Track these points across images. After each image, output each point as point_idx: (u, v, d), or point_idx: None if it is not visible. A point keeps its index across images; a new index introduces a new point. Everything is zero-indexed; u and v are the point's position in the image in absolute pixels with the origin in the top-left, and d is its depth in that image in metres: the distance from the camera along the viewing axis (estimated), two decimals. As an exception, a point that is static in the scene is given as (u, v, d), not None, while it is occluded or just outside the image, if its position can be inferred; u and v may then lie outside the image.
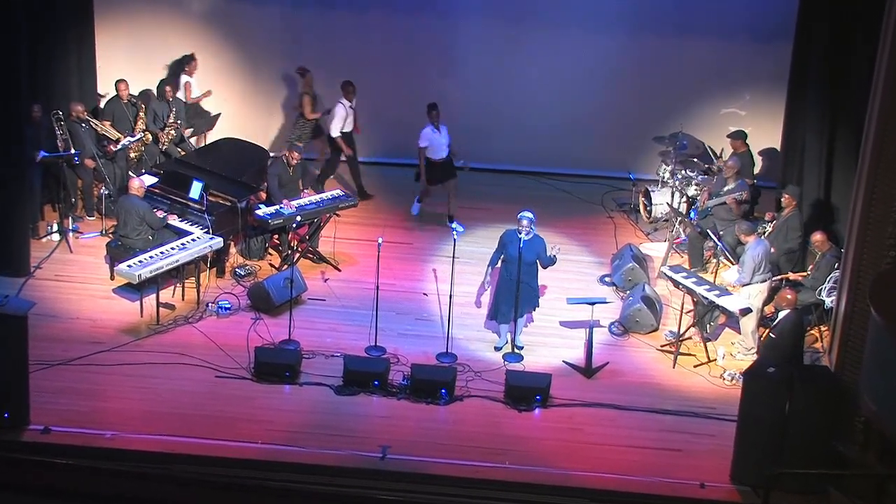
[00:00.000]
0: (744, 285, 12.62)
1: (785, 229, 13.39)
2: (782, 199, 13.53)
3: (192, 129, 15.75)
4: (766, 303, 12.78)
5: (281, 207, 13.85)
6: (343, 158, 15.51)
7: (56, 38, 14.93)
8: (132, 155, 15.01)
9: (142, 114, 15.02)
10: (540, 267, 12.55)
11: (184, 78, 15.78)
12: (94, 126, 14.68)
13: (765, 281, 12.66)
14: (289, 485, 10.60)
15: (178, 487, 10.18)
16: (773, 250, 13.09)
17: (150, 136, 15.12)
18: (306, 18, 16.28)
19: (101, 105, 15.41)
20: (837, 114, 13.75)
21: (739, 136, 15.02)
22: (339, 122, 15.32)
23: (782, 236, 13.38)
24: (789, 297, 11.76)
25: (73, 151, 14.16)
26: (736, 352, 12.77)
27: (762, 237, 13.23)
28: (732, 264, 13.19)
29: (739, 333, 12.87)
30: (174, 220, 13.62)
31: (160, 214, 13.54)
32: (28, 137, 13.58)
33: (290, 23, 16.28)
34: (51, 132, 14.14)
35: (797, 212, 13.44)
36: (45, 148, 14.02)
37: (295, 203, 14.01)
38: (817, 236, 12.95)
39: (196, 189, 13.70)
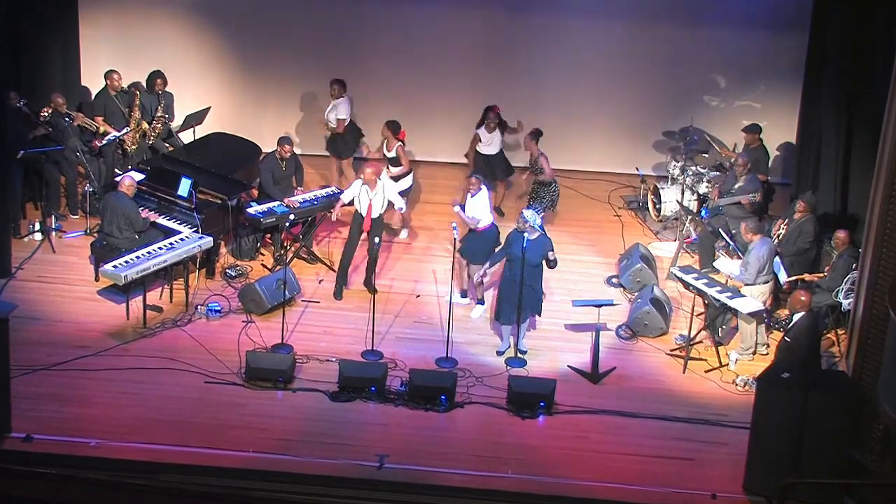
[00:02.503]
0: (746, 285, 12.64)
1: (797, 232, 13.40)
2: (796, 205, 13.54)
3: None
4: (768, 304, 12.84)
5: (280, 205, 13.86)
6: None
7: (39, 29, 14.94)
8: (131, 148, 15.00)
9: (138, 101, 15.02)
10: (546, 267, 12.57)
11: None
12: (77, 119, 14.69)
13: (767, 283, 12.70)
14: (282, 495, 10.63)
15: (166, 498, 10.21)
16: (779, 250, 13.15)
17: (146, 125, 15.12)
18: (298, 6, 16.28)
19: (93, 98, 15.39)
20: (855, 107, 13.75)
21: (754, 130, 15.02)
22: None
23: (793, 240, 13.40)
24: (803, 298, 11.78)
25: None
26: (732, 350, 12.78)
27: (774, 238, 13.31)
28: (738, 257, 13.23)
29: (752, 337, 12.93)
30: (157, 219, 13.59)
31: (144, 214, 13.52)
32: (8, 126, 13.60)
33: (281, 11, 16.28)
34: (32, 126, 14.18)
35: (811, 216, 13.45)
36: (26, 143, 14.05)
37: (293, 200, 14.01)
38: (840, 234, 12.97)
39: (184, 186, 13.71)
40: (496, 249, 13.08)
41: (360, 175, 13.90)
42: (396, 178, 14.42)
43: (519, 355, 12.70)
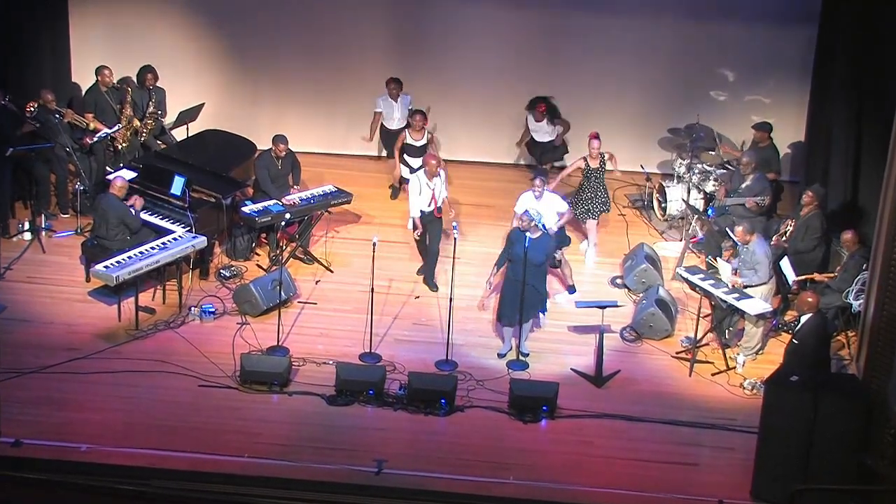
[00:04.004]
0: (753, 286, 12.66)
1: (804, 229, 13.41)
2: (803, 198, 13.56)
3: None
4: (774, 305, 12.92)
5: (275, 204, 13.86)
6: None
7: (28, 24, 14.94)
8: (122, 145, 15.00)
9: (129, 97, 15.01)
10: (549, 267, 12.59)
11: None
12: (67, 116, 14.68)
13: (772, 277, 12.72)
14: (277, 501, 10.64)
15: (159, 504, 10.23)
16: (786, 246, 13.17)
17: (137, 122, 15.12)
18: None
19: (83, 94, 15.38)
20: (866, 102, 13.75)
21: (764, 129, 14.98)
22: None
23: (800, 236, 13.40)
24: (810, 300, 11.79)
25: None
26: (738, 353, 12.78)
27: (782, 235, 13.34)
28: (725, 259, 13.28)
29: (762, 339, 12.94)
30: (144, 214, 13.56)
31: (132, 201, 13.49)
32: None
33: (277, 4, 16.28)
34: (19, 123, 14.18)
35: (819, 212, 13.46)
36: (15, 140, 14.06)
37: (291, 198, 14.02)
38: (847, 235, 12.97)
39: (177, 184, 13.72)
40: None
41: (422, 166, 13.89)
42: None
43: (521, 358, 12.71)
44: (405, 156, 15.03)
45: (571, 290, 13.79)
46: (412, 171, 14.84)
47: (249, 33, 16.39)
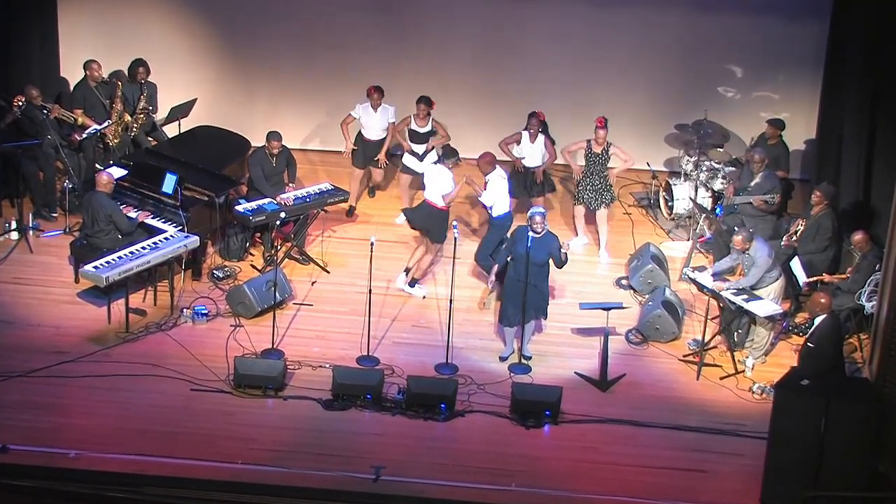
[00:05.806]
0: (752, 288, 12.68)
1: (815, 229, 13.41)
2: (812, 197, 13.56)
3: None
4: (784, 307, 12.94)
5: (270, 203, 13.87)
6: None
7: (15, 17, 14.95)
8: (113, 142, 14.99)
9: (119, 92, 15.01)
10: (554, 267, 12.58)
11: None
12: (54, 111, 14.69)
13: (777, 280, 12.72)
14: (272, 509, 10.68)
15: (150, 512, 10.25)
16: (796, 245, 13.18)
17: (128, 117, 15.11)
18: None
19: (72, 90, 15.39)
20: (879, 99, 13.76)
21: (777, 126, 14.99)
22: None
23: (810, 237, 13.40)
24: (823, 301, 11.80)
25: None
26: (747, 356, 12.79)
27: (792, 235, 13.36)
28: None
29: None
30: (148, 219, 13.61)
31: (131, 213, 13.55)
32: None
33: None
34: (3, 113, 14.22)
35: (830, 211, 13.46)
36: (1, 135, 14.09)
37: (286, 197, 14.04)
38: (858, 236, 12.98)
39: (169, 182, 13.72)
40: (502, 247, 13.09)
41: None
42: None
43: (523, 361, 12.71)
44: (408, 142, 15.04)
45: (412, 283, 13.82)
46: (418, 157, 14.94)
47: (243, 26, 16.40)
